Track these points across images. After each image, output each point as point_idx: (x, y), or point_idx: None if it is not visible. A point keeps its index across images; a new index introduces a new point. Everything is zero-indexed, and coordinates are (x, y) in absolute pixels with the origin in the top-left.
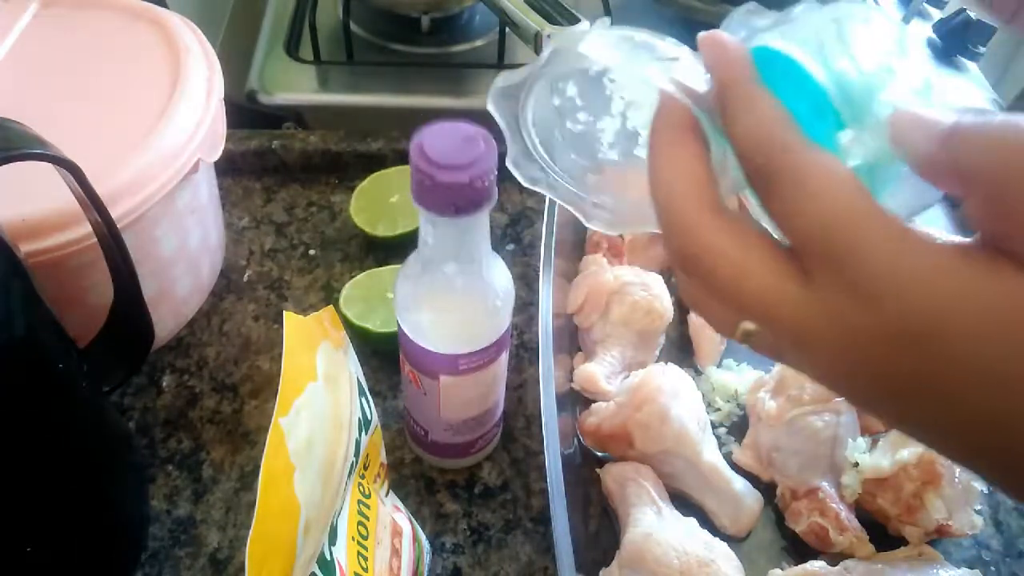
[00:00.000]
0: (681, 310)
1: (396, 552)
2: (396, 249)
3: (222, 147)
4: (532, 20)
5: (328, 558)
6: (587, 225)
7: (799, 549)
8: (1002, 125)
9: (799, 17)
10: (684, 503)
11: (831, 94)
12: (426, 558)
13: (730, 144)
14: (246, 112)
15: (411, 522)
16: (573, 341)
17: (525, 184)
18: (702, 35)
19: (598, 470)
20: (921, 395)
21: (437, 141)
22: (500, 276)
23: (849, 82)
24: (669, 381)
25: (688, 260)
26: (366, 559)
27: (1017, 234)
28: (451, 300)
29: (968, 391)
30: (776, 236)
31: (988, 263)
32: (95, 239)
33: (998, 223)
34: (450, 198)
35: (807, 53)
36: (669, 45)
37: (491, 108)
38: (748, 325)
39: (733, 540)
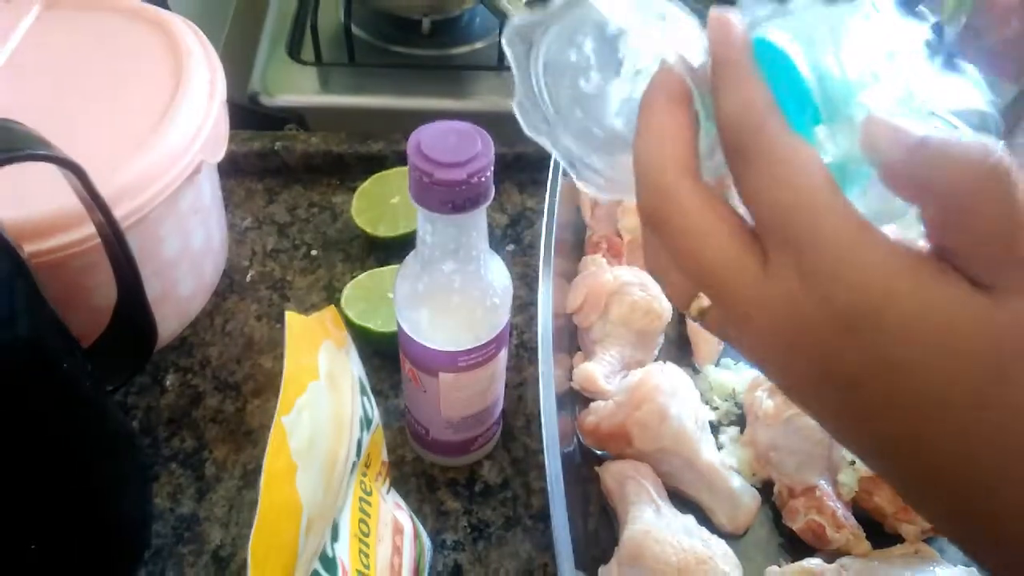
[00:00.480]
0: (680, 310)
1: (397, 549)
2: (397, 249)
3: (225, 148)
4: None
5: (330, 555)
6: (578, 185)
7: (796, 547)
8: (965, 145)
9: (801, 7)
10: (682, 501)
11: (813, 89)
12: (427, 555)
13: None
14: (248, 114)
15: (412, 520)
16: (573, 341)
17: (527, 132)
18: (713, 13)
19: (597, 468)
20: (847, 384)
21: (434, 139)
22: (498, 273)
23: (830, 80)
24: (667, 380)
25: (659, 220)
26: (368, 556)
27: (961, 250)
28: (450, 298)
29: (889, 393)
30: (747, 218)
31: (936, 272)
32: (99, 240)
33: (947, 237)
34: (448, 196)
35: (798, 46)
36: (683, 16)
37: (505, 45)
38: (703, 302)
39: (731, 538)
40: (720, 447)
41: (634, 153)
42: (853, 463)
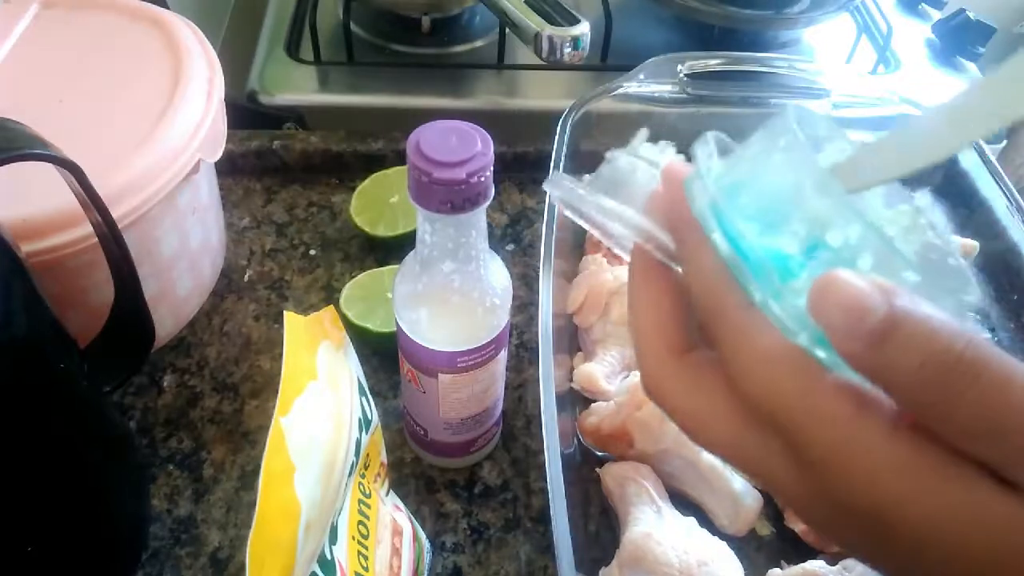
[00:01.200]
0: None
1: (396, 551)
2: (396, 249)
3: (223, 147)
4: (532, 21)
5: (329, 557)
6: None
7: (798, 548)
8: (929, 333)
9: (751, 154)
10: (683, 502)
11: (753, 263)
12: (426, 557)
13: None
14: (247, 112)
15: (411, 521)
16: (573, 341)
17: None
18: (663, 175)
19: (598, 469)
20: (868, 557)
21: (434, 139)
22: (498, 274)
23: (750, 247)
24: None
25: (651, 396)
26: (366, 558)
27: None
28: (449, 298)
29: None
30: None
31: (950, 465)
32: (96, 239)
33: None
34: (447, 195)
35: (736, 212)
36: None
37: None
38: None
39: (732, 539)
40: None
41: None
42: None
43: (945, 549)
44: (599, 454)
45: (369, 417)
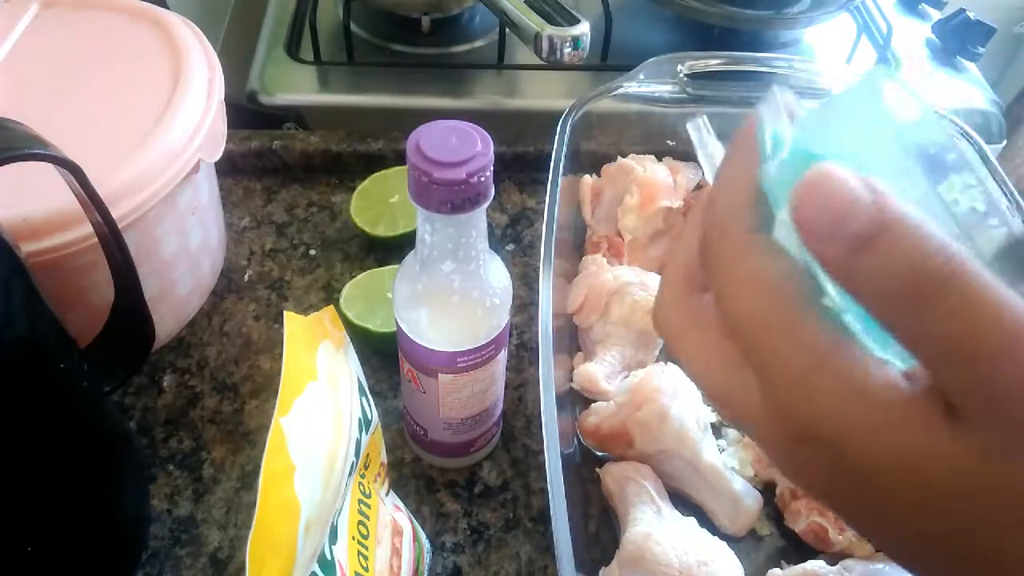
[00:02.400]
0: None
1: (396, 551)
2: (396, 249)
3: (223, 147)
4: (532, 21)
5: (328, 557)
6: None
7: (798, 548)
8: (914, 243)
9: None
10: (683, 502)
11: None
12: (426, 557)
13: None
14: (247, 112)
15: (411, 521)
16: (573, 341)
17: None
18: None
19: (598, 470)
20: (822, 492)
21: (434, 139)
22: (498, 274)
23: (784, 144)
24: (669, 381)
25: (657, 327)
26: (366, 558)
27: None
28: (449, 298)
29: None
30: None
31: (907, 405)
32: (96, 239)
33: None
34: (447, 196)
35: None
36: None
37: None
38: None
39: (732, 539)
40: (722, 448)
41: None
42: None
43: (892, 483)
44: (599, 454)
45: (369, 417)
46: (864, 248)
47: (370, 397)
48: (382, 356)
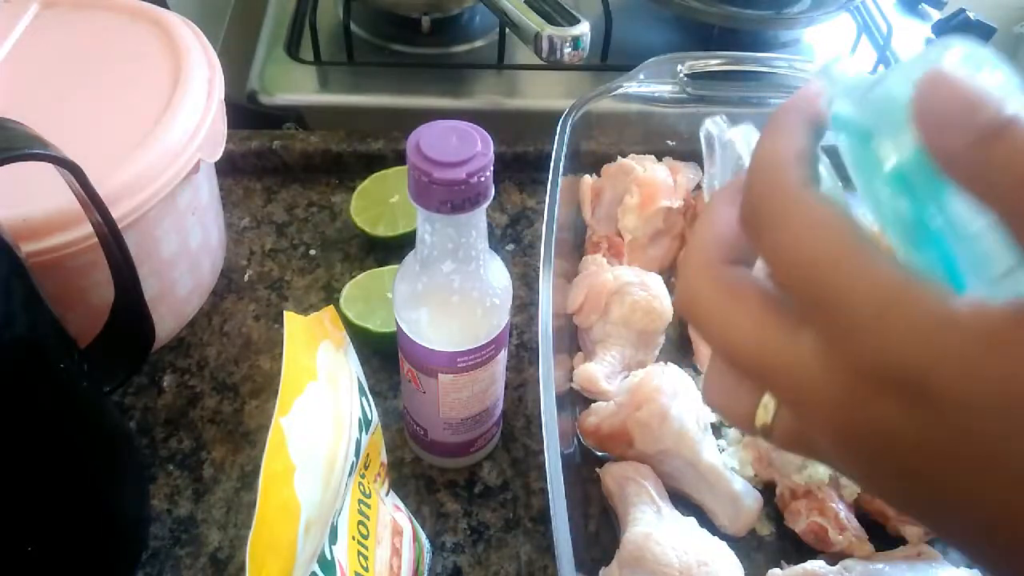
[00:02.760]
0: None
1: (396, 551)
2: (396, 249)
3: (223, 147)
4: (532, 21)
5: (329, 558)
6: None
7: (798, 548)
8: None
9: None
10: (683, 502)
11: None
12: (426, 557)
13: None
14: (247, 112)
15: (411, 521)
16: (573, 341)
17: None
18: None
19: (598, 470)
20: (908, 461)
21: (434, 139)
22: (498, 274)
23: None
24: (669, 381)
25: (685, 309)
26: (366, 558)
27: None
28: (449, 298)
29: (956, 465)
30: None
31: (1001, 330)
32: (96, 239)
33: None
34: (447, 195)
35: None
36: None
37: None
38: (765, 412)
39: (732, 539)
40: (722, 449)
41: None
42: None
43: (1006, 416)
44: (599, 454)
45: (369, 417)
46: (996, 137)
47: (370, 397)
48: (382, 356)
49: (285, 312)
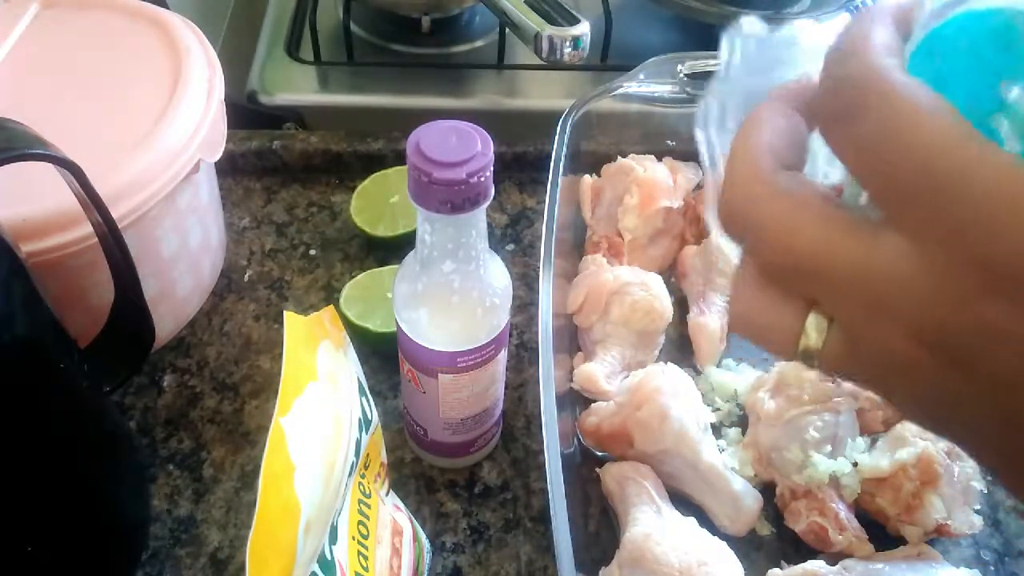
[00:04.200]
0: (681, 310)
1: (396, 551)
2: (396, 249)
3: (223, 147)
4: (532, 21)
5: (329, 558)
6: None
7: (798, 548)
8: None
9: None
10: (683, 502)
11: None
12: (426, 557)
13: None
14: (247, 112)
15: (411, 521)
16: (573, 341)
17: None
18: None
19: (598, 470)
20: (1009, 364)
21: (434, 139)
22: (498, 274)
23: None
24: (669, 381)
25: (736, 217)
26: (366, 558)
27: None
28: (449, 298)
29: None
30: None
31: None
32: (96, 239)
33: None
34: (447, 195)
35: None
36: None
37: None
38: (810, 337)
39: (732, 539)
40: (722, 449)
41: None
42: (855, 464)
43: None
44: (599, 454)
45: (369, 417)
46: None
47: (370, 397)
48: (382, 356)
49: (285, 312)
